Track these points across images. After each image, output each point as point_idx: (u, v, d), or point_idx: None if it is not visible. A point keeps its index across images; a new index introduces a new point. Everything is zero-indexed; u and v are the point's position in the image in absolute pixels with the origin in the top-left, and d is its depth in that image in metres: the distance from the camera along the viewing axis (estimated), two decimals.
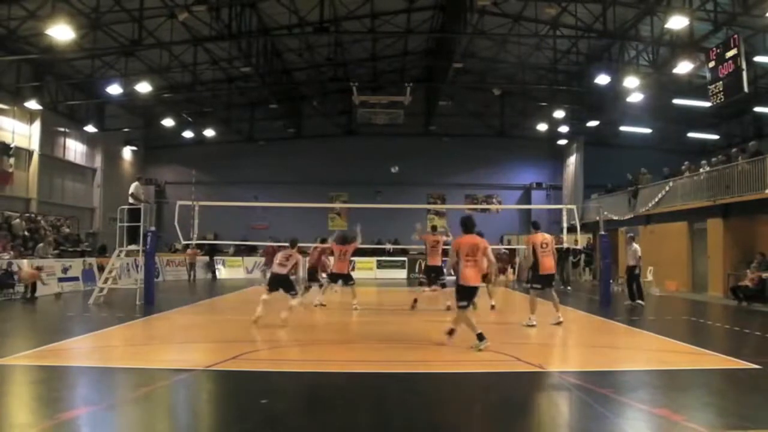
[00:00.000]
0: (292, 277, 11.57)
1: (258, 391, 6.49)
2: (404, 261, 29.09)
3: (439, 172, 32.49)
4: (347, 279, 14.29)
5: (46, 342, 9.08)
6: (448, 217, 32.95)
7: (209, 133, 31.31)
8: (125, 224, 15.23)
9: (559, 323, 11.18)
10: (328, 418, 5.60)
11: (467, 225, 8.80)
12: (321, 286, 15.26)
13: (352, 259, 17.21)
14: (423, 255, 28.57)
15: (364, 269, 29.08)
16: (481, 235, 9.06)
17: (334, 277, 14.41)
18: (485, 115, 31.93)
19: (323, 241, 15.64)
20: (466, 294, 8.54)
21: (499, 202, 33.29)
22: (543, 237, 11.34)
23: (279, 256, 11.23)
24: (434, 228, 16.03)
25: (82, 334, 10.16)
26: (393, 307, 15.60)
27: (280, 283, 10.96)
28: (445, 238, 14.03)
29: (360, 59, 27.43)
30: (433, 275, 13.59)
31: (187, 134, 31.35)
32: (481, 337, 8.44)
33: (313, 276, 15.31)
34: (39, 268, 16.63)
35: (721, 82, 16.28)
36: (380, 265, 29.15)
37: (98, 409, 5.77)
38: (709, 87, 16.92)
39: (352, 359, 8.38)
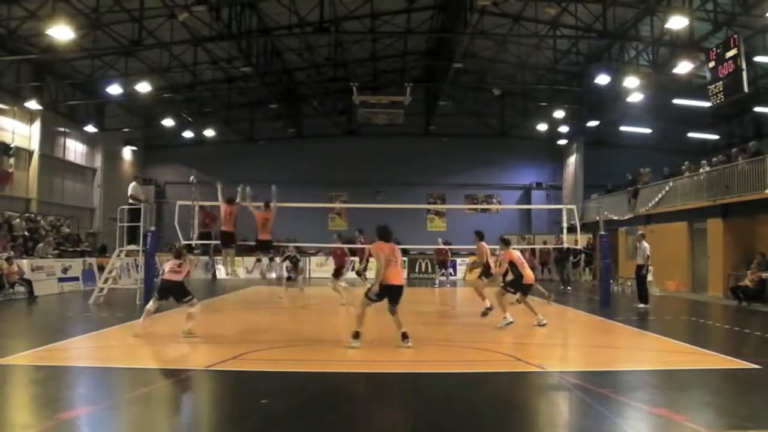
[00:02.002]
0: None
1: (258, 391, 6.50)
2: (404, 261, 29.06)
3: (439, 172, 32.48)
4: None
5: (46, 342, 9.08)
6: (447, 217, 33.04)
7: (209, 133, 31.30)
8: (125, 224, 15.25)
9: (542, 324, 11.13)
10: (329, 418, 5.60)
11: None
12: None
13: (353, 259, 17.36)
14: (423, 255, 28.71)
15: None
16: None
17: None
18: (485, 115, 31.91)
19: (349, 240, 15.93)
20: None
21: (499, 202, 33.28)
22: (517, 253, 11.88)
23: (170, 264, 10.27)
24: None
25: (82, 334, 10.17)
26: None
27: (171, 290, 10.09)
28: None
29: (360, 59, 27.43)
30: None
31: (187, 134, 31.33)
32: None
33: (338, 274, 15.67)
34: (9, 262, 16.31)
35: (721, 82, 16.27)
36: None
37: (98, 409, 5.77)
38: (709, 87, 16.91)
39: (353, 359, 8.38)
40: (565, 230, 16.44)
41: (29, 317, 13.58)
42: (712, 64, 16.58)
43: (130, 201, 15.32)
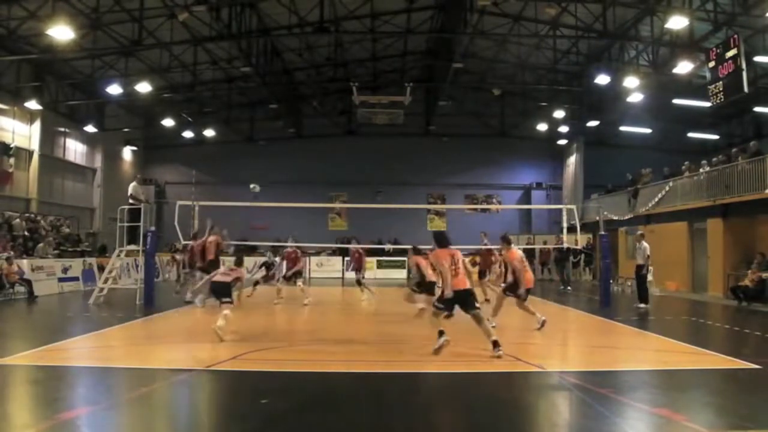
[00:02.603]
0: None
1: (258, 391, 6.50)
2: (404, 261, 28.97)
3: (439, 172, 32.49)
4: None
5: (46, 342, 9.08)
6: (447, 217, 33.03)
7: (209, 133, 31.32)
8: (125, 224, 15.24)
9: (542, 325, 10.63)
10: (329, 418, 5.60)
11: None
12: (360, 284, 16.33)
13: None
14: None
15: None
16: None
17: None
18: (485, 115, 31.92)
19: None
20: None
21: (499, 202, 33.29)
22: (519, 252, 11.07)
23: (225, 268, 10.63)
24: None
25: (82, 334, 10.16)
26: (392, 306, 15.62)
27: (218, 290, 10.08)
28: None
29: (360, 59, 27.43)
30: None
31: (187, 134, 31.36)
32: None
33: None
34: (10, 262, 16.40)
35: (721, 82, 16.26)
36: (380, 265, 29.11)
37: (98, 408, 5.77)
38: (709, 87, 16.91)
39: (353, 359, 8.38)
40: (564, 230, 16.46)
41: (29, 317, 13.58)
42: (712, 64, 16.58)
43: (130, 201, 15.31)
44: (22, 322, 12.88)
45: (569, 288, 21.42)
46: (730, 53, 15.65)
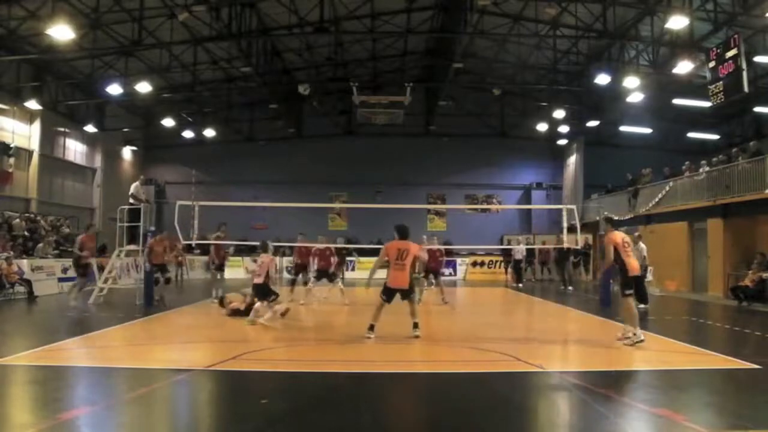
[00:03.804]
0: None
1: (258, 391, 6.49)
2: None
3: (439, 172, 32.51)
4: None
5: (46, 342, 9.07)
6: (448, 217, 33.04)
7: (209, 133, 31.27)
8: (125, 224, 15.24)
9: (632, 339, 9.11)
10: (329, 418, 5.60)
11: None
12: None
13: (352, 259, 17.48)
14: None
15: (365, 269, 29.05)
16: None
17: None
18: (485, 115, 31.92)
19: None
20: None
21: (499, 202, 33.30)
22: (622, 235, 9.67)
23: (252, 266, 11.44)
24: None
25: (82, 334, 10.15)
26: (393, 306, 15.61)
27: (257, 292, 11.14)
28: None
29: (360, 59, 27.43)
30: None
31: (187, 134, 31.35)
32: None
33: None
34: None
35: (721, 82, 16.32)
36: (380, 265, 29.03)
37: (98, 409, 5.77)
38: (709, 87, 16.94)
39: (353, 359, 8.38)
40: (565, 230, 16.38)
41: (29, 317, 13.58)
42: (712, 64, 16.61)
43: (131, 201, 15.31)
44: (21, 322, 12.87)
45: (570, 288, 21.42)
46: (730, 53, 15.69)
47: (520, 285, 23.79)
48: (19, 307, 14.73)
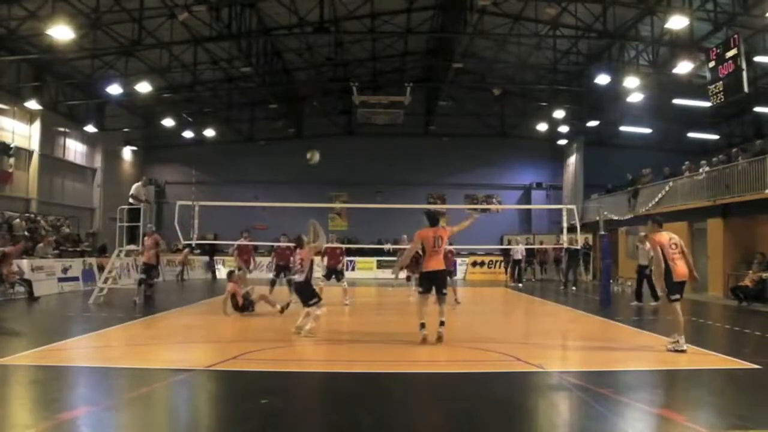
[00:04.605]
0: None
1: (258, 390, 6.49)
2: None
3: (438, 172, 32.50)
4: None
5: (46, 342, 9.07)
6: (448, 217, 33.00)
7: (209, 133, 31.27)
8: (125, 224, 15.23)
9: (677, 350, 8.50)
10: (330, 418, 5.60)
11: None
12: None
13: (352, 258, 17.37)
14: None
15: (365, 269, 29.17)
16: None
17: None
18: (485, 115, 31.93)
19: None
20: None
21: (499, 202, 33.27)
22: (670, 235, 9.09)
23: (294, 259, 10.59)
24: None
25: (82, 334, 10.15)
26: (393, 306, 15.64)
27: (298, 292, 10.18)
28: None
29: (360, 59, 27.43)
30: None
31: (187, 134, 31.34)
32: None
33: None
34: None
35: (721, 82, 16.28)
36: (380, 265, 29.08)
37: (98, 409, 5.77)
38: (709, 87, 16.92)
39: (354, 359, 8.38)
40: (565, 230, 16.38)
41: (29, 317, 13.57)
42: (712, 64, 16.59)
43: (131, 201, 15.30)
44: (22, 322, 12.86)
45: (574, 288, 21.43)
46: (730, 53, 15.68)
47: (520, 285, 23.79)
48: (19, 307, 14.73)
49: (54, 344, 8.92)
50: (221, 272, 27.62)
